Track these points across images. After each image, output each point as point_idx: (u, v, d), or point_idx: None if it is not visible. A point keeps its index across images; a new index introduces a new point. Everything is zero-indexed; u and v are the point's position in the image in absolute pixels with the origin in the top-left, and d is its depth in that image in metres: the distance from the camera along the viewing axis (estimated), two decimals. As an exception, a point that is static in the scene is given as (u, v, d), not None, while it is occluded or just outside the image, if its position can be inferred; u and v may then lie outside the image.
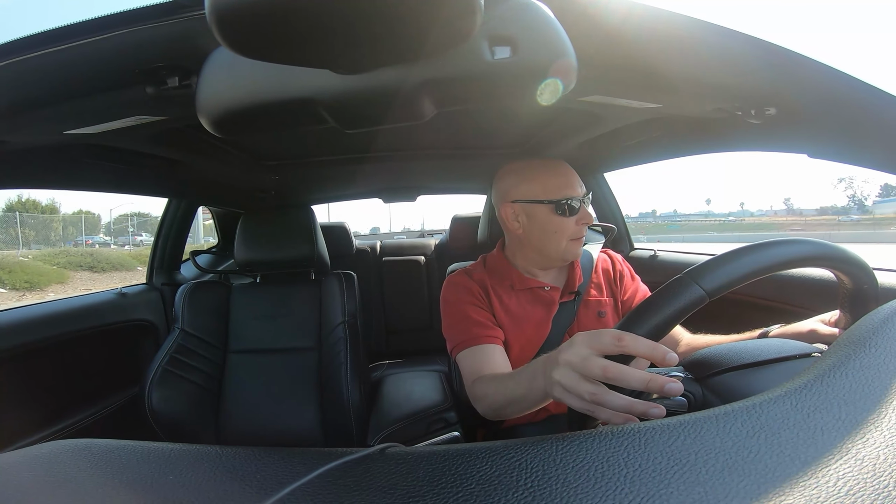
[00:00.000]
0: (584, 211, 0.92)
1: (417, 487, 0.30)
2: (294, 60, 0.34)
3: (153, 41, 0.51)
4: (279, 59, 0.33)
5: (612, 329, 0.46)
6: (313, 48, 0.32)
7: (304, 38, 0.31)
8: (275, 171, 1.41)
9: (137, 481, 0.34)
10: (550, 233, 0.92)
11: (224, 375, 1.35)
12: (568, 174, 0.94)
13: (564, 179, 0.93)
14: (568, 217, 0.91)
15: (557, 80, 0.40)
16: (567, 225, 0.91)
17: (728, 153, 1.14)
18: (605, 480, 0.28)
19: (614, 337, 0.45)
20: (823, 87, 0.64)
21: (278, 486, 0.32)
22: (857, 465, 0.26)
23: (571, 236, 0.92)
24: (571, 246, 0.92)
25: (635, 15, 0.52)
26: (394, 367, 2.06)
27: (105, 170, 1.01)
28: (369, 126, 0.47)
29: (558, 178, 0.93)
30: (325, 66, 0.37)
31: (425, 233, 5.35)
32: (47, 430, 1.20)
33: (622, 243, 1.85)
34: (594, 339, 0.46)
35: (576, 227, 0.91)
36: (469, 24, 0.31)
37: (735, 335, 0.77)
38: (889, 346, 0.37)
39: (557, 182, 0.92)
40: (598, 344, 0.46)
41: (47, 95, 0.60)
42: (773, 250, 0.49)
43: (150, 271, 1.77)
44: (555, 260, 0.96)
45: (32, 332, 1.19)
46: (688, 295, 0.46)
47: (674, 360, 0.42)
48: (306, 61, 0.35)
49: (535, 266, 0.98)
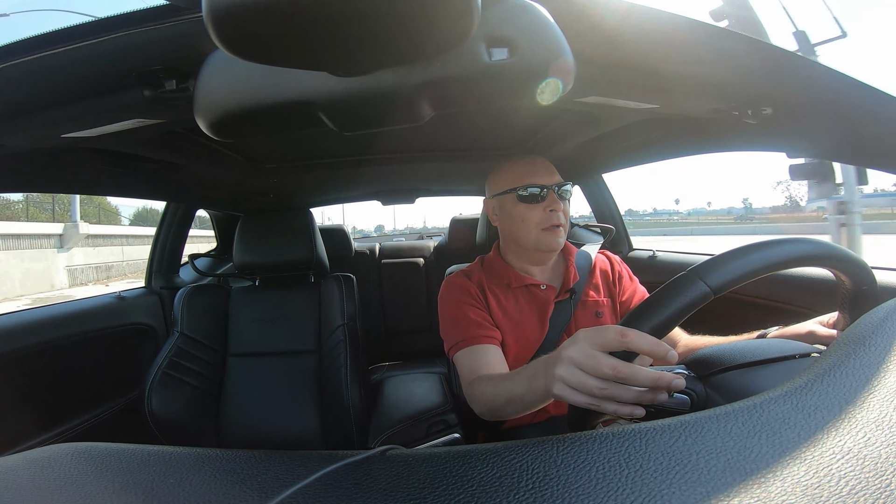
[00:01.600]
0: (552, 198, 0.91)
1: (418, 490, 0.30)
2: (292, 63, 0.34)
3: (150, 44, 0.51)
4: (277, 61, 0.33)
5: (615, 326, 0.46)
6: (311, 50, 0.32)
7: (302, 40, 0.31)
8: (273, 174, 1.41)
9: (137, 485, 0.34)
10: (518, 221, 0.93)
11: (224, 379, 1.34)
12: (534, 163, 0.95)
13: (529, 168, 0.94)
14: (532, 204, 0.91)
15: (555, 80, 0.40)
16: (532, 213, 0.91)
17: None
18: (606, 481, 0.28)
19: (618, 333, 0.45)
20: (820, 87, 0.65)
21: (279, 488, 0.31)
22: (859, 464, 0.26)
23: (540, 224, 0.91)
24: (544, 235, 0.92)
25: (633, 16, 0.52)
26: (394, 370, 2.06)
27: (103, 173, 1.01)
28: (367, 128, 0.47)
29: (523, 168, 0.94)
30: (322, 68, 0.37)
31: (424, 234, 5.35)
32: (47, 433, 1.19)
33: (621, 244, 1.85)
34: (598, 336, 0.46)
35: (544, 215, 0.91)
36: (467, 26, 0.31)
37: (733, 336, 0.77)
38: (889, 345, 0.37)
39: (521, 171, 0.94)
40: (601, 340, 0.46)
41: (45, 99, 0.60)
42: (776, 249, 0.49)
43: (149, 275, 1.76)
44: (532, 251, 0.96)
45: (32, 336, 1.18)
46: (693, 291, 0.46)
47: (674, 358, 0.43)
48: (304, 64, 0.35)
49: (524, 261, 0.99)
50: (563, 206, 0.92)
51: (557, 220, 0.91)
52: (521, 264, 0.99)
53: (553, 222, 0.91)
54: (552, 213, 0.91)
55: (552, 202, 0.91)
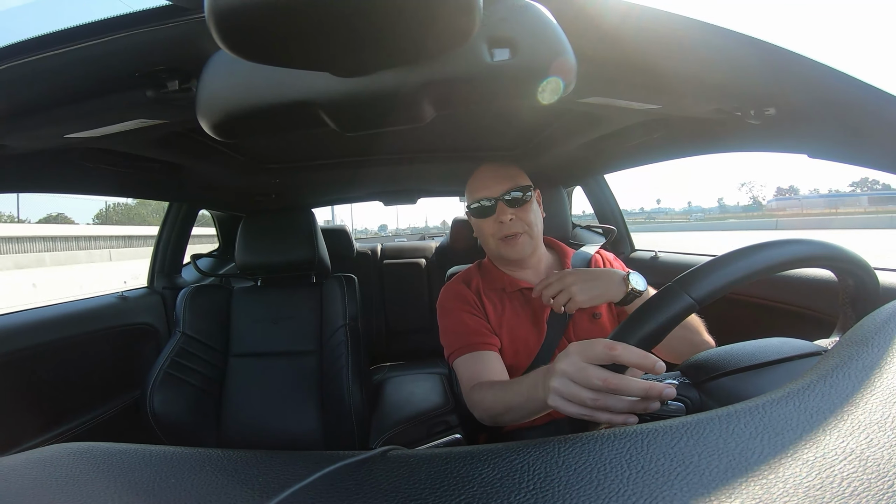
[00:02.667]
0: (501, 208, 0.91)
1: (419, 490, 0.30)
2: (293, 63, 0.34)
3: (153, 44, 0.52)
4: (279, 61, 0.33)
5: (604, 339, 0.48)
6: (313, 51, 0.32)
7: (304, 40, 0.31)
8: (275, 175, 1.41)
9: (139, 484, 0.34)
10: (479, 234, 0.97)
11: (225, 379, 1.35)
12: (481, 176, 0.96)
13: (479, 183, 0.95)
14: (484, 218, 0.93)
15: (557, 81, 0.40)
16: (486, 225, 0.94)
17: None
18: (607, 482, 0.28)
19: (607, 347, 0.47)
20: (823, 88, 0.64)
21: (279, 488, 0.31)
22: (861, 465, 0.26)
23: (496, 235, 0.92)
24: (502, 246, 0.93)
25: (634, 16, 0.52)
26: (395, 370, 2.06)
27: (106, 173, 1.01)
28: (369, 129, 0.47)
29: (474, 182, 0.96)
30: (324, 68, 0.37)
31: (426, 234, 5.36)
32: (49, 433, 1.20)
33: (623, 244, 1.85)
34: (588, 349, 0.49)
35: (496, 226, 0.92)
36: (468, 25, 0.31)
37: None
38: (892, 346, 0.37)
39: (473, 186, 0.96)
40: (591, 353, 0.48)
41: (48, 99, 0.60)
42: (758, 255, 0.50)
43: (152, 275, 1.77)
44: (499, 260, 0.99)
45: (34, 336, 1.19)
46: (677, 304, 0.47)
47: (662, 369, 0.46)
48: (306, 64, 0.35)
49: (507, 267, 0.99)
50: (518, 214, 0.92)
51: (508, 230, 0.91)
52: (510, 269, 0.99)
53: (506, 232, 0.91)
54: (502, 224, 0.91)
55: (501, 213, 0.91)
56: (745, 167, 59.05)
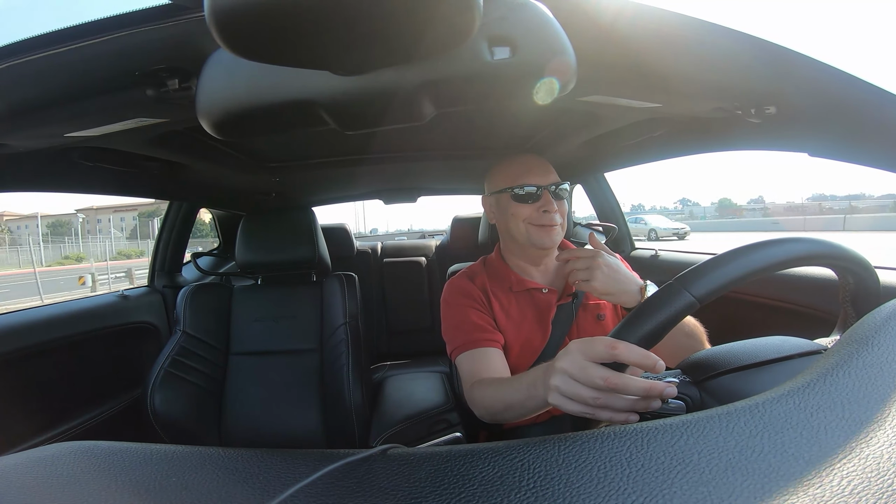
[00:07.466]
0: (547, 198, 0.92)
1: (420, 488, 0.30)
2: (293, 62, 0.34)
3: (153, 43, 0.51)
4: (279, 60, 0.33)
5: (605, 337, 0.48)
6: (312, 49, 0.32)
7: (304, 39, 0.30)
8: (275, 173, 1.41)
9: (140, 483, 0.34)
10: (510, 217, 0.95)
11: (226, 377, 1.35)
12: (528, 162, 0.96)
13: (523, 167, 0.95)
14: (526, 204, 0.93)
15: (557, 79, 0.40)
16: (524, 210, 0.93)
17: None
18: (608, 481, 0.28)
19: (608, 345, 0.47)
20: (823, 86, 0.64)
21: (281, 487, 0.32)
22: (861, 463, 0.26)
23: (532, 221, 0.92)
24: (536, 232, 0.93)
25: (635, 14, 0.52)
26: (395, 369, 2.06)
27: (106, 172, 1.01)
28: (369, 127, 0.47)
29: (518, 167, 0.96)
30: (324, 67, 0.37)
31: (426, 234, 5.36)
32: (50, 432, 1.20)
33: (623, 243, 1.85)
34: (588, 348, 0.49)
35: (535, 213, 0.92)
36: (468, 24, 0.31)
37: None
38: (892, 345, 0.37)
39: (517, 171, 0.95)
40: (592, 352, 0.48)
41: (48, 98, 0.60)
42: (759, 253, 0.50)
43: (152, 273, 1.77)
44: (526, 247, 0.97)
45: (35, 335, 1.19)
46: (678, 302, 0.47)
47: (662, 368, 0.46)
48: (305, 63, 0.35)
49: (523, 261, 0.99)
50: (558, 207, 0.93)
51: (551, 220, 0.92)
52: (521, 264, 0.99)
53: (546, 222, 0.92)
54: (545, 213, 0.91)
55: (546, 202, 0.92)
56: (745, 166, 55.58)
